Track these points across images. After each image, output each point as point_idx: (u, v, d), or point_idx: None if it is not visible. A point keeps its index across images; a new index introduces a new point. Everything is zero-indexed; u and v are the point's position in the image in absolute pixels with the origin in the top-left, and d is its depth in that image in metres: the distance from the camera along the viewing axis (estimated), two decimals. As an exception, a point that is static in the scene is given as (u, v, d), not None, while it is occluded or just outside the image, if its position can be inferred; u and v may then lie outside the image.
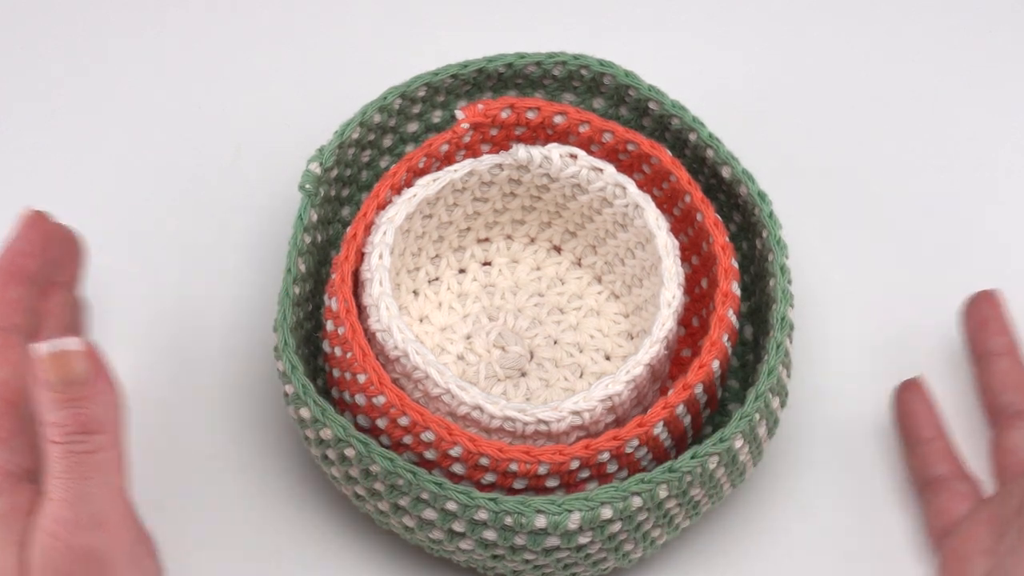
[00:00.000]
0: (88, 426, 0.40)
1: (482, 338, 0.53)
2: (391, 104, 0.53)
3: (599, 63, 0.53)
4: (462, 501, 0.45)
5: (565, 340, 0.53)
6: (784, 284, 0.49)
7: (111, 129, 0.59)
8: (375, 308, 0.48)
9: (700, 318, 0.52)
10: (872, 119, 0.61)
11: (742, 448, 0.47)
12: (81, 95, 0.60)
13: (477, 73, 0.53)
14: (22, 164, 0.58)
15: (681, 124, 0.53)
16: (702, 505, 0.48)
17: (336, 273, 0.48)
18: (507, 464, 0.46)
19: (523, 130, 0.53)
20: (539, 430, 0.47)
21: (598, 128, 0.52)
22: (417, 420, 0.46)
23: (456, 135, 0.52)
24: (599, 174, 0.51)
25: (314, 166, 0.51)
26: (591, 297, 0.55)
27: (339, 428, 0.46)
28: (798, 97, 0.61)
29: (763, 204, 0.51)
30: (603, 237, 0.53)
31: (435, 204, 0.52)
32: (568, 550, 0.46)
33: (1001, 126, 0.61)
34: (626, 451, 0.46)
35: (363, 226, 0.50)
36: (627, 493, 0.45)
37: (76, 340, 0.40)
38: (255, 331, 0.55)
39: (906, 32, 0.63)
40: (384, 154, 0.54)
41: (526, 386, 0.52)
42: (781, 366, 0.48)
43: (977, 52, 0.63)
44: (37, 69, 0.61)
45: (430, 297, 0.54)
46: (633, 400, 0.48)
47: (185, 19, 0.62)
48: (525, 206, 0.54)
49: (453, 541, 0.46)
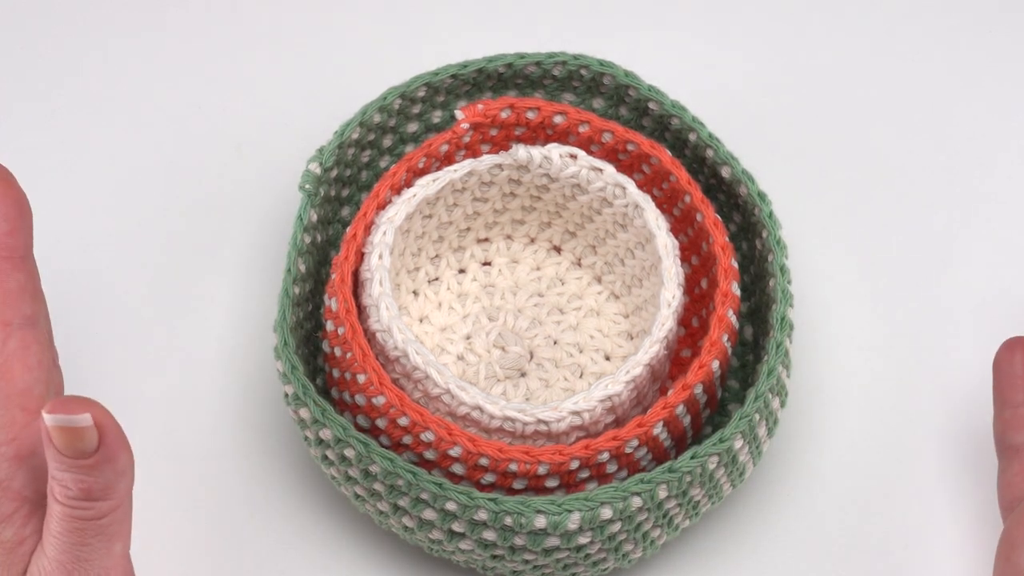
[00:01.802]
0: (93, 493, 0.38)
1: (482, 338, 0.53)
2: (391, 104, 0.53)
3: (599, 63, 0.53)
4: (462, 501, 0.45)
5: (565, 340, 0.53)
6: (784, 284, 0.49)
7: (111, 129, 0.59)
8: (375, 308, 0.48)
9: (700, 318, 0.52)
10: (872, 119, 0.61)
11: (742, 448, 0.47)
12: (81, 95, 0.60)
13: (477, 73, 0.53)
14: (22, 164, 0.58)
15: (681, 124, 0.53)
16: (702, 505, 0.48)
17: (336, 273, 0.48)
18: (507, 464, 0.46)
19: (523, 130, 0.53)
20: (539, 430, 0.47)
21: (598, 128, 0.52)
22: (417, 420, 0.46)
23: (456, 135, 0.52)
24: (599, 174, 0.51)
25: (314, 166, 0.51)
26: (591, 297, 0.55)
27: (339, 428, 0.46)
28: (798, 97, 0.61)
29: (763, 204, 0.51)
30: (603, 237, 0.53)
31: (435, 204, 0.52)
32: (568, 550, 0.46)
33: (1001, 126, 0.61)
34: (626, 451, 0.46)
35: (363, 226, 0.50)
36: (627, 493, 0.45)
37: (87, 415, 0.37)
38: (255, 331, 0.55)
39: (906, 32, 0.63)
40: (384, 154, 0.54)
41: (526, 386, 0.52)
42: (781, 366, 0.48)
43: (977, 52, 0.63)
44: (37, 69, 0.61)
45: (430, 297, 0.54)
46: (633, 400, 0.48)
47: (185, 19, 0.62)
48: (525, 206, 0.54)
49: (453, 541, 0.46)
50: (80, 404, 0.37)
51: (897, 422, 0.53)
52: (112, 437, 0.38)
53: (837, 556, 0.51)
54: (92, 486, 0.38)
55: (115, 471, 0.38)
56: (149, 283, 0.56)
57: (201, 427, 0.53)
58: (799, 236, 0.57)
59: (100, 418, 0.38)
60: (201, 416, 0.53)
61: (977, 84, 0.62)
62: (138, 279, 0.56)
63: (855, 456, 0.53)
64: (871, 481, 0.52)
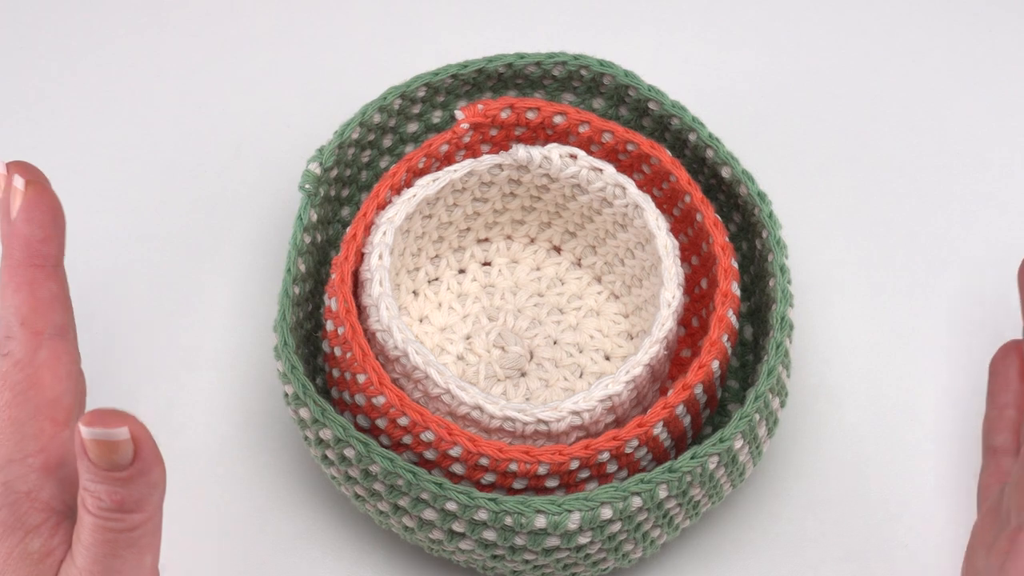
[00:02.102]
0: (125, 506, 0.38)
1: (482, 338, 0.53)
2: (391, 104, 0.53)
3: (599, 63, 0.53)
4: (462, 501, 0.45)
5: (565, 340, 0.53)
6: (784, 284, 0.49)
7: (111, 129, 0.59)
8: (375, 308, 0.48)
9: (700, 318, 0.52)
10: (872, 119, 0.61)
11: (742, 448, 0.47)
12: (81, 95, 0.60)
13: (477, 73, 0.53)
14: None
15: (681, 124, 0.53)
16: (702, 505, 0.48)
17: (336, 273, 0.48)
18: (507, 464, 0.46)
19: (523, 130, 0.53)
20: (539, 430, 0.47)
21: (598, 128, 0.52)
22: (417, 420, 0.46)
23: (456, 135, 0.52)
24: (599, 174, 0.51)
25: (314, 166, 0.51)
26: (591, 297, 0.55)
27: (339, 428, 0.46)
28: (798, 97, 0.61)
29: (763, 204, 0.51)
30: (603, 237, 0.53)
31: (435, 204, 0.52)
32: (568, 550, 0.46)
33: (1001, 126, 0.61)
34: (626, 451, 0.46)
35: (363, 226, 0.50)
36: (627, 493, 0.45)
37: (124, 429, 0.37)
38: (255, 331, 0.55)
39: (906, 32, 0.63)
40: (384, 154, 0.54)
41: (526, 386, 0.52)
42: (781, 366, 0.48)
43: (977, 52, 0.63)
44: (37, 69, 0.61)
45: (430, 297, 0.54)
46: (633, 400, 0.48)
47: (185, 19, 0.62)
48: (525, 206, 0.54)
49: (453, 541, 0.46)
50: (117, 417, 0.37)
51: (897, 421, 0.53)
52: (147, 450, 0.38)
53: (837, 556, 0.51)
54: (125, 498, 0.38)
55: (148, 484, 0.38)
56: (149, 283, 0.56)
57: (201, 427, 0.53)
58: (799, 236, 0.57)
59: (136, 431, 0.37)
60: (201, 416, 0.53)
61: (977, 84, 0.62)
62: (138, 279, 0.56)
63: (855, 455, 0.53)
64: (871, 481, 0.52)
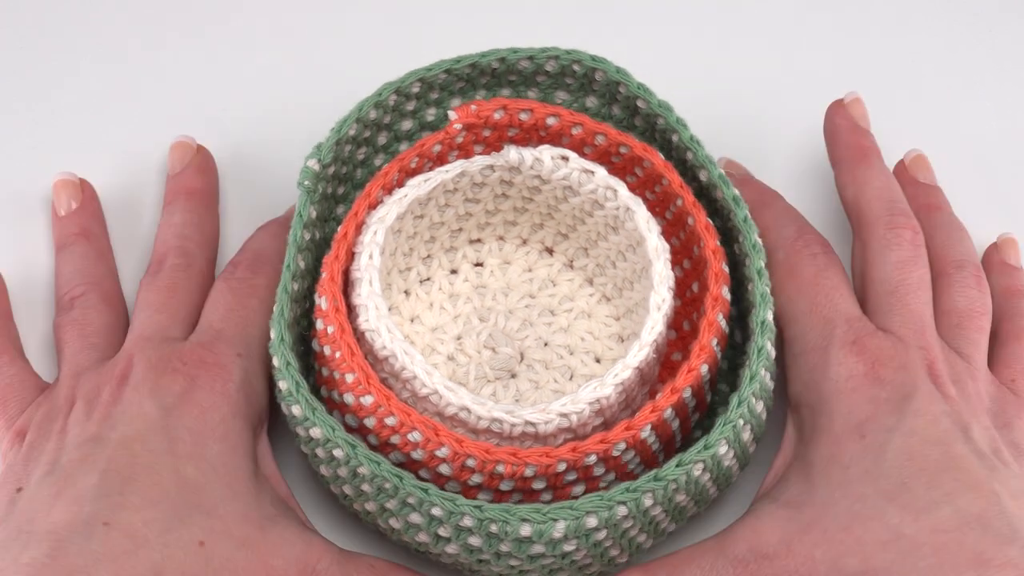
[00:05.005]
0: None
1: (472, 339, 0.53)
2: (386, 100, 0.53)
3: (591, 58, 0.53)
4: (447, 508, 0.45)
5: (555, 342, 0.53)
6: (763, 288, 0.49)
7: (111, 129, 0.60)
8: (364, 308, 0.48)
9: (691, 322, 0.52)
10: (871, 119, 0.60)
11: (727, 454, 0.47)
12: (81, 95, 0.61)
13: (470, 68, 0.53)
14: (22, 164, 0.59)
15: (665, 124, 0.52)
16: (688, 511, 0.48)
17: (326, 272, 0.48)
18: (494, 465, 0.45)
19: (516, 131, 0.52)
20: (526, 432, 0.46)
21: (591, 130, 0.52)
22: (404, 420, 0.46)
23: (449, 136, 0.52)
24: (590, 176, 0.51)
25: (312, 162, 0.51)
26: (582, 299, 0.54)
27: (328, 428, 0.46)
28: (798, 97, 0.61)
29: (738, 208, 0.50)
30: (594, 239, 0.53)
31: (426, 204, 0.52)
32: (553, 557, 0.45)
33: (1001, 126, 0.60)
34: (613, 454, 0.46)
35: (354, 225, 0.49)
36: (612, 502, 0.44)
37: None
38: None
39: (905, 32, 0.63)
40: (379, 152, 0.54)
41: (516, 388, 0.52)
42: (764, 370, 0.47)
43: (977, 52, 0.62)
44: (37, 69, 0.61)
45: (421, 297, 0.54)
46: (621, 403, 0.48)
47: (185, 19, 0.63)
48: (517, 207, 0.54)
49: (439, 545, 0.46)
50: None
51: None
52: None
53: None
54: None
55: None
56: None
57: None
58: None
59: None
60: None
61: (977, 84, 0.61)
62: (138, 278, 0.56)
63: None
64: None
